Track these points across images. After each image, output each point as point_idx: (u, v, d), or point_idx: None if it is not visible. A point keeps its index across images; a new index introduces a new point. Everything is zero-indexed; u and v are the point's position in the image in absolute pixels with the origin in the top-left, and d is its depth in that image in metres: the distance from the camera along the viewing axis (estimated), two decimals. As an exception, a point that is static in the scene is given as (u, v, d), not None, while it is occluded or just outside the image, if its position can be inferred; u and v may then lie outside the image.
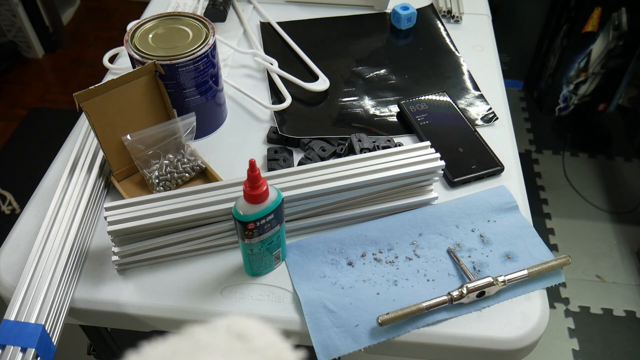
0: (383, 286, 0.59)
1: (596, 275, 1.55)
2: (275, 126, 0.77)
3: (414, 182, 0.64)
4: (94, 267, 0.61)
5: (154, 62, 0.65)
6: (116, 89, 0.64)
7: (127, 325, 0.60)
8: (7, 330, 0.51)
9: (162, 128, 0.68)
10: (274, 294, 0.59)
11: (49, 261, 0.57)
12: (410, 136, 0.78)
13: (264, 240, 0.55)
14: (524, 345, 0.56)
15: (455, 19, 1.00)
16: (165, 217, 0.56)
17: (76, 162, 0.68)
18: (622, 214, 1.71)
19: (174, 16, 0.72)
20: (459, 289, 0.56)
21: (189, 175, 0.69)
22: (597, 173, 1.84)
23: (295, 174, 0.61)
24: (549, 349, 1.41)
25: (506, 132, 0.78)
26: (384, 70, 0.89)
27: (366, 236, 0.63)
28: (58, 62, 2.29)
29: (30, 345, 0.50)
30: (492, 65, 0.91)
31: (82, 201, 0.63)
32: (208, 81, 0.71)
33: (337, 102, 0.83)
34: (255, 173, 0.49)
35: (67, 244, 0.59)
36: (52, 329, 0.53)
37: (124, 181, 0.70)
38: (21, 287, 0.54)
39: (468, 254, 0.62)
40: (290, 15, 1.00)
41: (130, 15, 2.41)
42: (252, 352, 0.26)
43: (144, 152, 0.67)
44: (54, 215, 0.61)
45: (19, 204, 1.74)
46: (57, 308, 0.54)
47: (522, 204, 0.68)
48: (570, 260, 0.59)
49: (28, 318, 0.52)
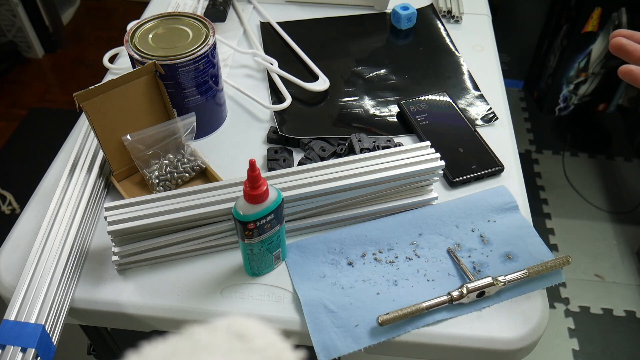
0: (383, 286, 0.59)
1: (595, 274, 1.55)
2: (275, 126, 0.77)
3: (414, 182, 0.64)
4: (94, 267, 0.61)
5: (154, 62, 0.65)
6: (116, 89, 0.64)
7: (127, 325, 0.60)
8: (7, 330, 0.51)
9: (162, 128, 0.68)
10: (274, 294, 0.59)
11: (49, 261, 0.57)
12: (410, 136, 0.78)
13: (264, 240, 0.55)
14: (524, 345, 0.56)
15: (455, 19, 1.00)
16: (165, 217, 0.56)
17: (76, 162, 0.68)
18: (622, 214, 1.71)
19: (174, 16, 0.72)
20: (459, 289, 0.56)
21: (189, 175, 0.69)
22: (597, 173, 1.84)
23: (295, 174, 0.61)
24: (549, 349, 1.41)
25: (506, 132, 0.78)
26: (384, 70, 0.89)
27: (366, 236, 0.63)
28: (58, 62, 2.29)
29: (30, 345, 0.50)
30: (492, 65, 0.91)
31: (82, 201, 0.63)
32: (208, 81, 0.71)
33: (337, 102, 0.83)
34: (255, 173, 0.49)
35: (67, 244, 0.59)
36: (52, 329, 0.53)
37: (124, 181, 0.70)
38: (21, 287, 0.54)
39: (468, 254, 0.62)
40: (290, 15, 1.00)
41: (130, 15, 2.41)
42: (252, 352, 0.26)
43: (144, 152, 0.67)
44: (54, 215, 0.61)
45: (19, 204, 1.74)
46: (57, 308, 0.55)
47: (522, 204, 0.68)
48: (570, 260, 0.59)
49: (28, 318, 0.52)
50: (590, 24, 1.67)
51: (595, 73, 1.79)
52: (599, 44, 1.71)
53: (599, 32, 1.68)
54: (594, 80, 1.82)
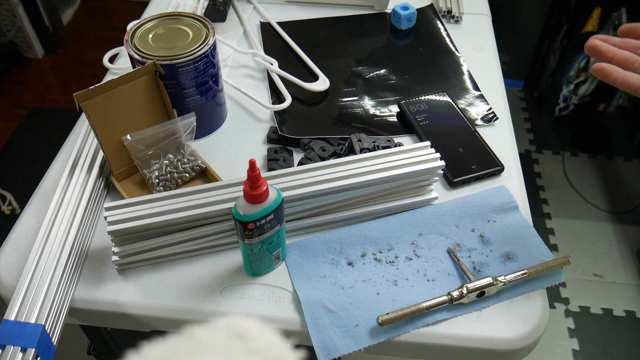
0: (383, 286, 0.59)
1: (594, 274, 1.55)
2: (275, 126, 0.77)
3: (414, 182, 0.64)
4: (94, 267, 0.61)
5: (154, 62, 0.65)
6: (116, 89, 0.64)
7: (127, 325, 0.60)
8: (7, 331, 0.51)
9: (162, 128, 0.68)
10: (274, 294, 0.59)
11: (49, 261, 0.57)
12: (410, 136, 0.78)
13: (264, 240, 0.55)
14: (524, 345, 0.56)
15: (455, 19, 1.00)
16: (165, 217, 0.56)
17: (76, 162, 0.68)
18: (622, 214, 1.71)
19: (174, 16, 0.72)
20: (459, 289, 0.56)
21: (189, 175, 0.69)
22: (597, 173, 1.84)
23: (295, 174, 0.61)
24: (549, 349, 1.41)
25: (506, 132, 0.78)
26: (384, 70, 0.89)
27: (366, 236, 0.63)
28: (58, 62, 2.29)
29: (30, 345, 0.50)
30: (492, 65, 0.91)
31: (82, 201, 0.63)
32: (208, 81, 0.71)
33: (337, 102, 0.82)
34: (255, 173, 0.49)
35: (67, 244, 0.59)
36: (52, 329, 0.53)
37: (124, 181, 0.70)
38: (21, 287, 0.54)
39: (468, 254, 0.62)
40: (290, 15, 1.00)
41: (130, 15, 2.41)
42: (252, 352, 0.26)
43: (144, 152, 0.67)
44: (54, 215, 0.61)
45: (19, 204, 1.74)
46: (57, 308, 0.54)
47: (522, 204, 0.68)
48: (570, 260, 0.59)
49: (28, 318, 0.52)
50: (590, 24, 1.67)
51: (595, 73, 1.79)
52: (599, 44, 1.71)
53: (599, 32, 1.68)
54: (594, 80, 1.82)
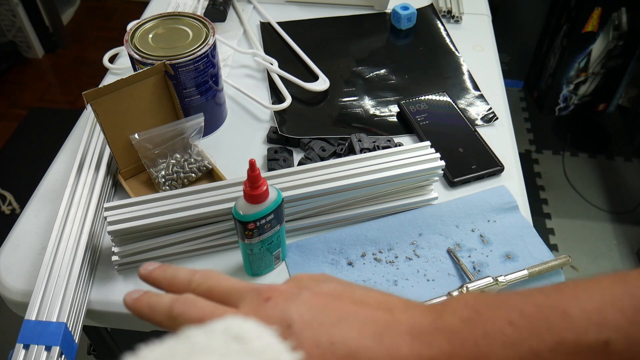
0: (383, 286, 0.59)
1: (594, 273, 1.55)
2: (275, 126, 0.77)
3: (414, 182, 0.64)
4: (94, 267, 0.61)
5: (164, 63, 0.65)
6: (125, 89, 0.63)
7: (127, 325, 0.60)
8: (29, 330, 0.50)
9: (170, 128, 0.68)
10: (274, 294, 0.59)
11: (65, 260, 0.56)
12: (410, 136, 0.78)
13: (264, 240, 0.55)
14: (523, 346, 0.56)
15: (455, 19, 0.99)
16: (165, 217, 0.56)
17: (83, 161, 0.68)
18: (622, 214, 1.71)
19: (174, 16, 0.72)
20: (459, 289, 0.56)
21: (195, 176, 0.69)
22: (597, 173, 1.83)
23: (295, 174, 0.61)
24: (549, 349, 1.40)
25: (506, 132, 0.78)
26: (384, 70, 0.89)
27: (366, 236, 0.63)
28: (58, 62, 2.29)
29: (54, 344, 0.49)
30: (492, 65, 0.90)
31: (93, 199, 0.63)
32: (208, 81, 0.71)
33: (337, 102, 0.82)
34: (255, 173, 0.49)
35: (81, 243, 0.58)
36: (73, 327, 0.53)
37: (131, 179, 0.70)
38: (39, 287, 0.54)
39: (468, 254, 0.62)
40: (290, 15, 1.00)
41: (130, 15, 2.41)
42: (250, 354, 0.26)
43: (151, 151, 0.67)
44: (65, 213, 0.61)
45: (19, 204, 1.74)
46: (77, 306, 0.54)
47: (522, 204, 0.68)
48: (570, 260, 0.59)
49: (49, 317, 0.51)
50: (590, 24, 1.67)
51: (595, 73, 1.79)
52: (599, 44, 1.71)
53: (599, 32, 1.68)
54: (594, 80, 1.82)
